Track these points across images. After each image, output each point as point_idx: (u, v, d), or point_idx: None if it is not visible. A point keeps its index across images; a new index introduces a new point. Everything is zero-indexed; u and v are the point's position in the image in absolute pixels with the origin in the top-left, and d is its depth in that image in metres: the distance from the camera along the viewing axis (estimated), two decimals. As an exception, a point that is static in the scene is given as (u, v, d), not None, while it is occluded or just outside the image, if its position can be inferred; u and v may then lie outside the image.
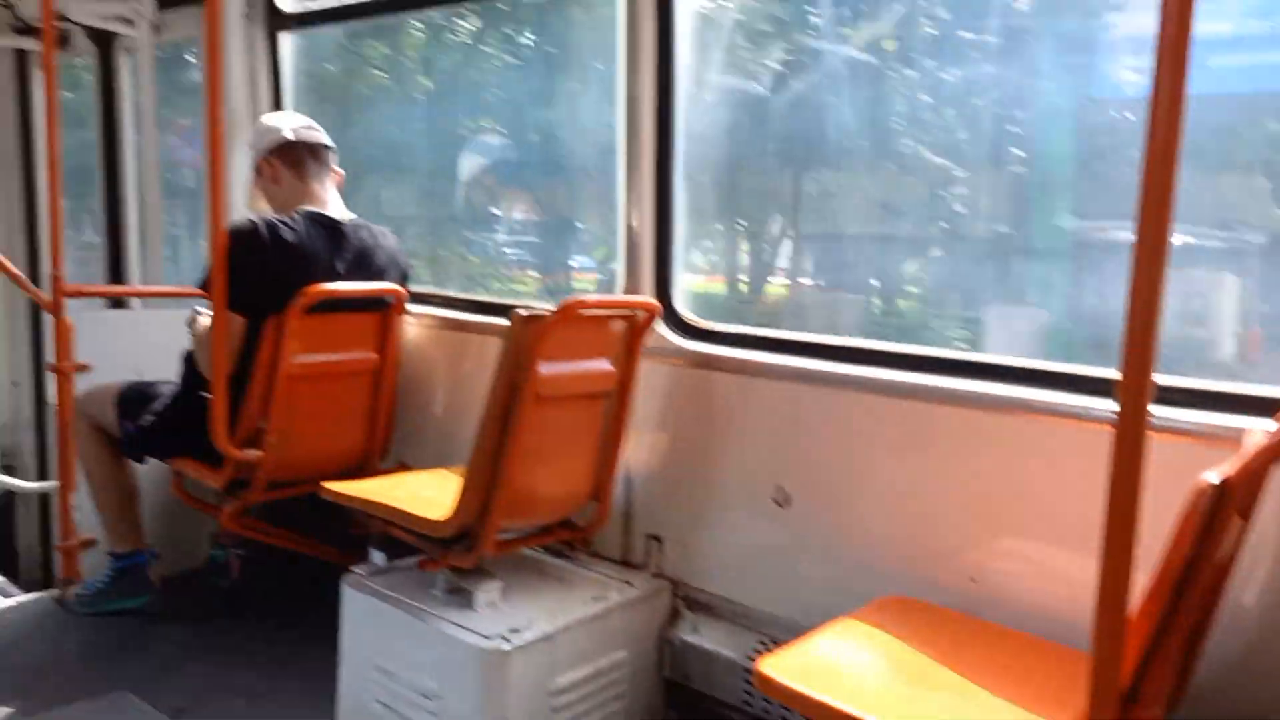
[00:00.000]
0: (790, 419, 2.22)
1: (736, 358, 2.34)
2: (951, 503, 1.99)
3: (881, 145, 2.62)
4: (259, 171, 2.81)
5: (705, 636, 2.36)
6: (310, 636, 2.66)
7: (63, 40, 3.84)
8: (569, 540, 2.50)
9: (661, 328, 2.43)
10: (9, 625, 2.89)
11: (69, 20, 3.61)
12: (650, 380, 2.43)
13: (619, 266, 2.55)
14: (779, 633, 2.20)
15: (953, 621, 1.81)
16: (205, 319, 2.63)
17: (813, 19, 2.71)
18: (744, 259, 3.12)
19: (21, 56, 4.42)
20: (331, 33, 3.70)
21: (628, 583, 2.40)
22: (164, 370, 2.91)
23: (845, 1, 2.64)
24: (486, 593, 2.21)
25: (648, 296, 2.46)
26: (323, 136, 2.83)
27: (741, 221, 3.08)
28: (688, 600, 2.43)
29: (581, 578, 2.44)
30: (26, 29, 4.27)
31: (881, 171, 2.65)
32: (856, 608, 1.83)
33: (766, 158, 2.86)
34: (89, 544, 3.02)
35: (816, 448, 2.19)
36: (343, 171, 2.86)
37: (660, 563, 2.48)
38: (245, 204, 3.39)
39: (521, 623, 2.14)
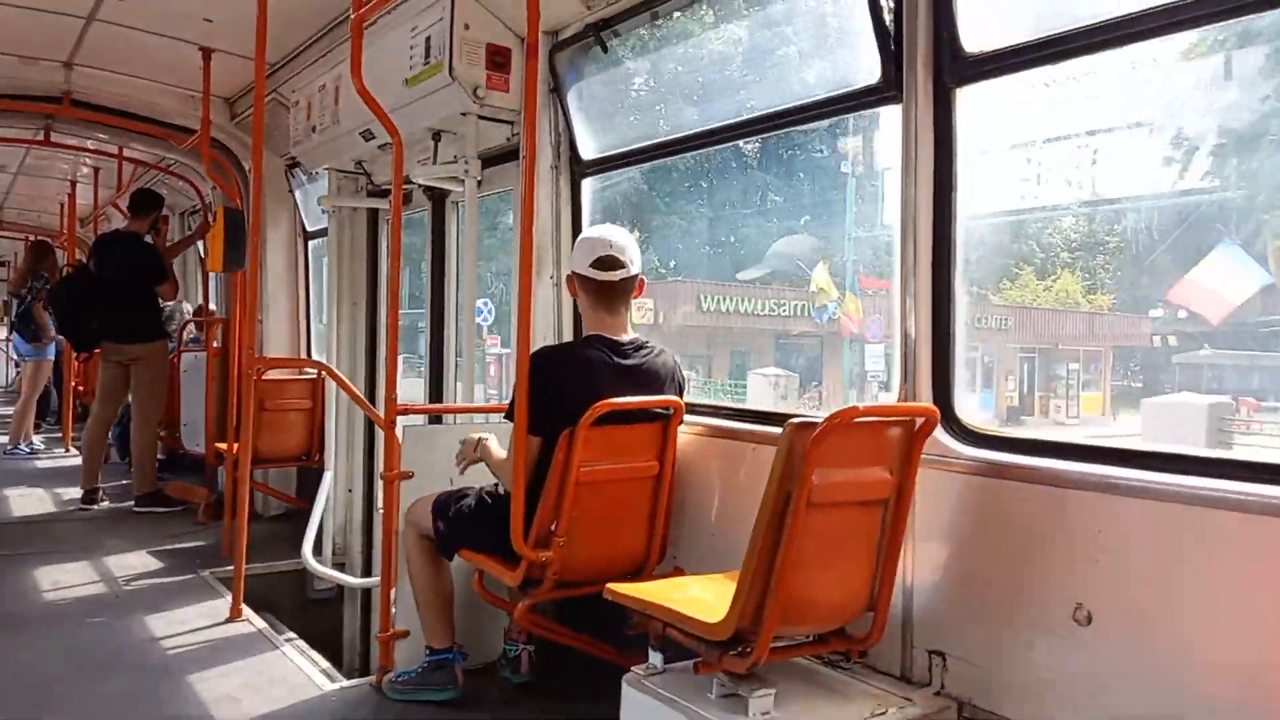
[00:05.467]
0: (1092, 531, 2.06)
1: (1028, 465, 2.22)
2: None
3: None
4: (569, 282, 3.08)
5: (997, 763, 2.17)
6: (593, 731, 2.75)
7: (406, 199, 4.54)
8: (844, 651, 2.42)
9: (942, 434, 2.36)
10: (332, 707, 3.22)
11: (411, 182, 4.26)
12: (931, 488, 2.36)
13: (894, 373, 2.54)
14: (1083, 766, 1.98)
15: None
16: (489, 440, 3.05)
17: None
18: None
19: (373, 213, 5.28)
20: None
21: (908, 699, 2.28)
22: (473, 477, 3.22)
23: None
24: (760, 699, 2.19)
25: (925, 402, 2.42)
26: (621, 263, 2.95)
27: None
28: (975, 723, 2.26)
29: (858, 690, 2.35)
30: (378, 192, 5.13)
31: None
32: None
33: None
34: (403, 635, 3.33)
35: (1125, 564, 2.01)
36: (643, 278, 3.03)
37: (944, 680, 2.33)
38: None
39: (796, 733, 2.09)
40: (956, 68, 2.43)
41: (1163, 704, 1.90)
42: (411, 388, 5.38)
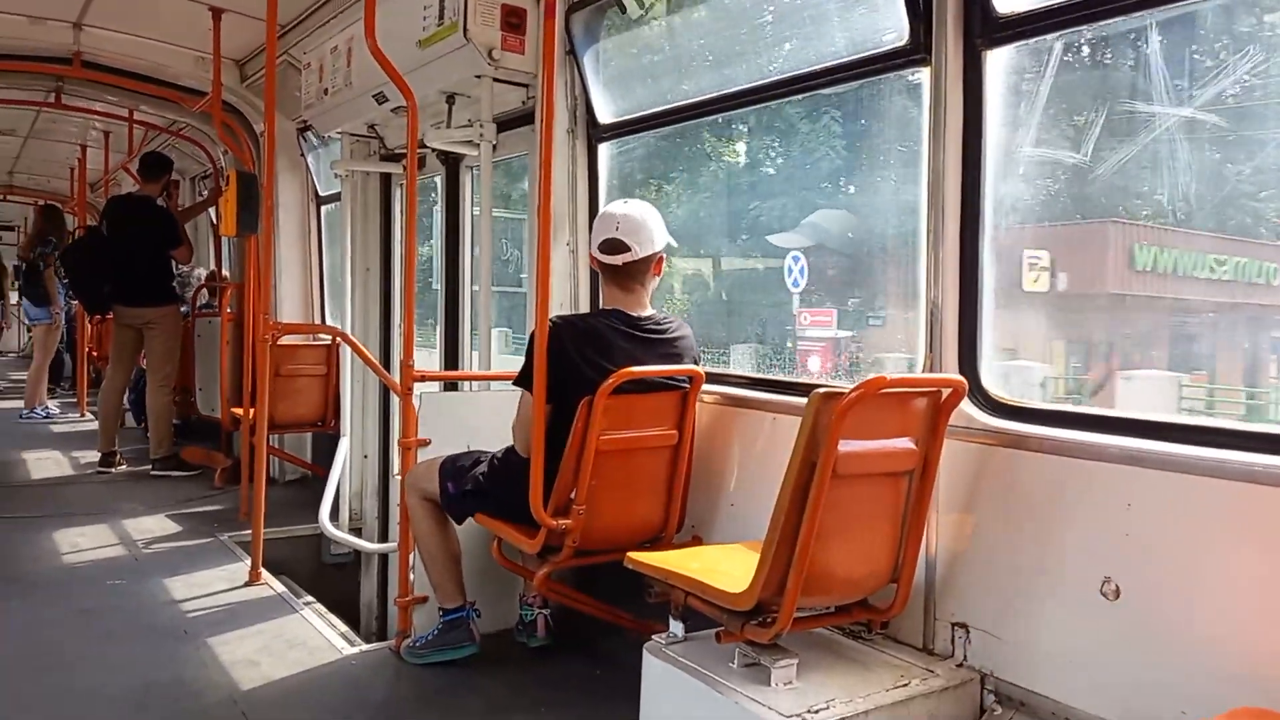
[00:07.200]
0: (1120, 504, 2.03)
1: (1055, 438, 2.19)
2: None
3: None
4: (591, 258, 3.07)
5: (1022, 736, 2.17)
6: (611, 697, 2.76)
7: (420, 163, 4.49)
8: (866, 622, 2.42)
9: (968, 405, 2.33)
10: (352, 671, 3.25)
11: (425, 147, 4.21)
12: (956, 460, 2.34)
13: (919, 344, 2.50)
14: (1110, 738, 1.98)
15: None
16: None
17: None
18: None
19: (386, 178, 5.23)
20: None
21: (930, 671, 2.28)
22: (489, 442, 3.21)
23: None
24: (783, 669, 2.19)
25: (952, 374, 2.39)
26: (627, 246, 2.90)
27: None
28: (998, 694, 2.25)
29: (880, 662, 2.35)
30: (391, 156, 5.08)
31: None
32: (1201, 716, 1.61)
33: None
34: (421, 600, 3.35)
35: (1153, 537, 1.98)
36: (662, 255, 2.99)
37: (967, 652, 2.33)
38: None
39: (819, 703, 2.09)
40: (987, 29, 2.36)
41: (1193, 682, 1.89)
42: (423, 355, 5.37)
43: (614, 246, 2.92)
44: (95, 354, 9.68)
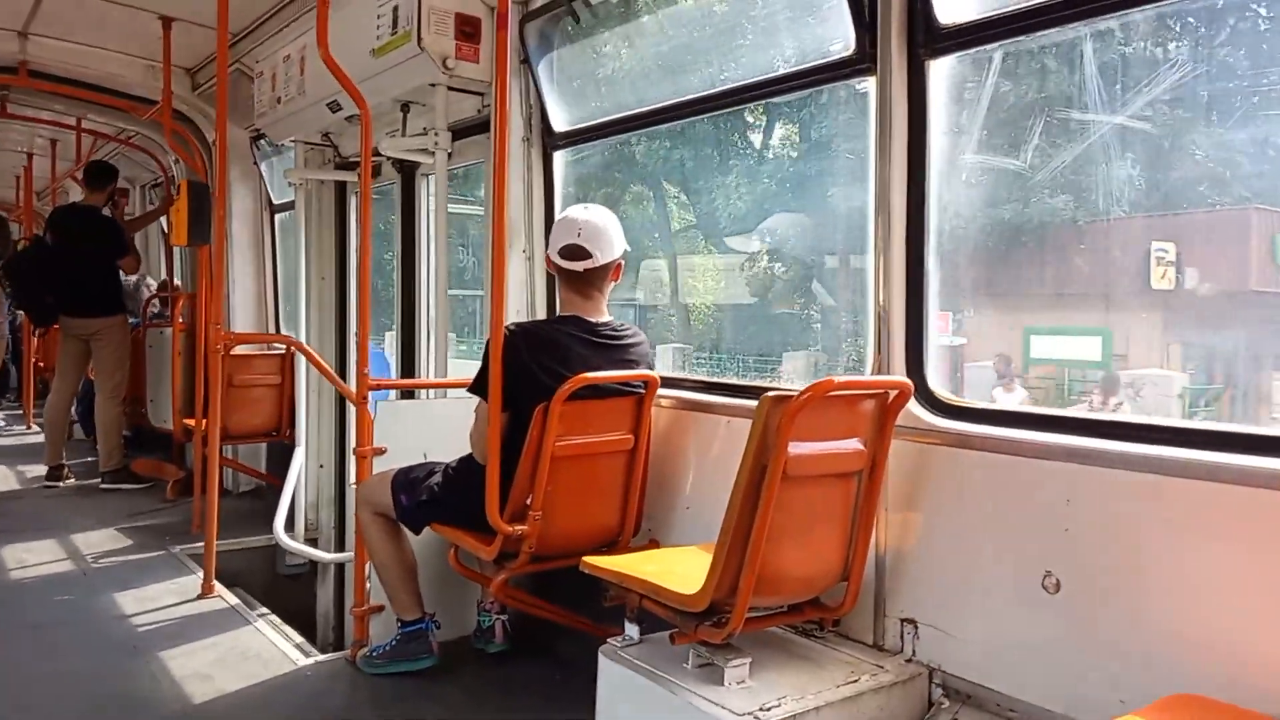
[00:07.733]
0: (1060, 500, 2.09)
1: (998, 436, 2.25)
2: (1255, 591, 1.77)
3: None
4: (548, 262, 3.06)
5: (968, 728, 2.22)
6: (569, 701, 2.78)
7: (374, 171, 4.47)
8: (818, 620, 2.46)
9: (915, 406, 2.39)
10: (307, 681, 3.22)
11: (380, 154, 4.21)
12: (904, 460, 2.39)
13: (868, 346, 2.55)
14: (1051, 728, 2.03)
15: (1259, 724, 1.60)
16: None
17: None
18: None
19: (340, 186, 5.20)
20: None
21: (880, 666, 2.32)
22: (446, 449, 3.21)
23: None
24: (736, 669, 2.22)
25: (899, 375, 2.44)
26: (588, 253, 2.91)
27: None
28: (946, 689, 2.30)
29: (831, 659, 2.38)
30: (346, 164, 5.05)
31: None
32: (1140, 705, 1.68)
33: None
34: (377, 610, 3.33)
35: (1091, 532, 2.04)
36: (620, 263, 2.99)
37: (915, 648, 2.37)
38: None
39: (771, 700, 2.12)
40: (930, 39, 2.43)
41: (1130, 671, 1.94)
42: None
43: (574, 252, 2.92)
44: (42, 365, 9.48)
